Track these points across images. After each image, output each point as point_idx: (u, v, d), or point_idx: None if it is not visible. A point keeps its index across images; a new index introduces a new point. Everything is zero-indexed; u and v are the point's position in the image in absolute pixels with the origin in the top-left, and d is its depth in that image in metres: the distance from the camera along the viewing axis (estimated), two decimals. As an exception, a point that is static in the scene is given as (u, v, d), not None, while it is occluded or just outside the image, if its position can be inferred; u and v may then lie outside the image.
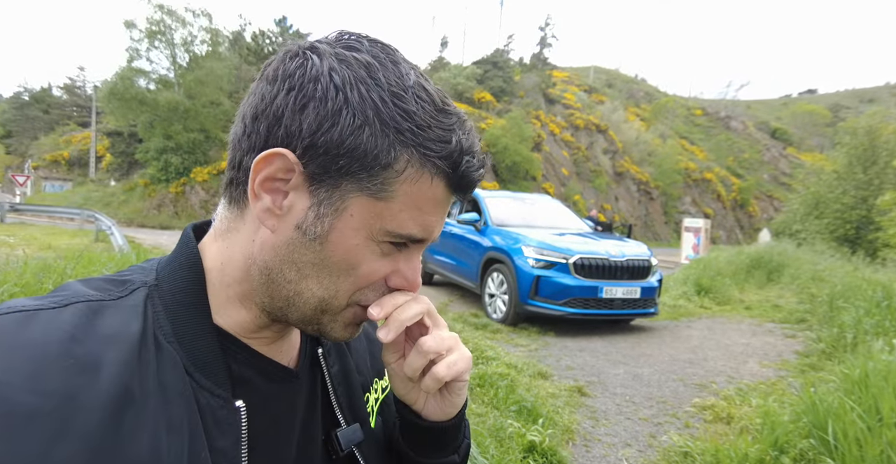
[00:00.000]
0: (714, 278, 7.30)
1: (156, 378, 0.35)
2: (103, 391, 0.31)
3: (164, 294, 0.40)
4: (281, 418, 0.44)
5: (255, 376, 0.42)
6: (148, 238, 12.16)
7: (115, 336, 0.34)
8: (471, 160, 0.40)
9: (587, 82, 43.11)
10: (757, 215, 33.55)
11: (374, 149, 0.37)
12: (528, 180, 23.95)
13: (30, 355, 0.31)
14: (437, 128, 0.39)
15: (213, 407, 0.38)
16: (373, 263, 0.41)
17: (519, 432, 2.37)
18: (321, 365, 0.50)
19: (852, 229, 12.87)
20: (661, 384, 3.43)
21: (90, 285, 0.38)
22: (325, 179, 0.38)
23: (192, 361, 0.38)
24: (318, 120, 0.37)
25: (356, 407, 0.51)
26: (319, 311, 0.41)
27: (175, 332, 0.38)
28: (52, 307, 0.34)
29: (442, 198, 0.41)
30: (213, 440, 0.37)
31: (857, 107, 53.31)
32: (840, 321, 4.24)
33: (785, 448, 2.20)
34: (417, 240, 0.41)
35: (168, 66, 21.22)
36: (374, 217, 0.39)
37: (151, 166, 20.40)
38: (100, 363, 0.32)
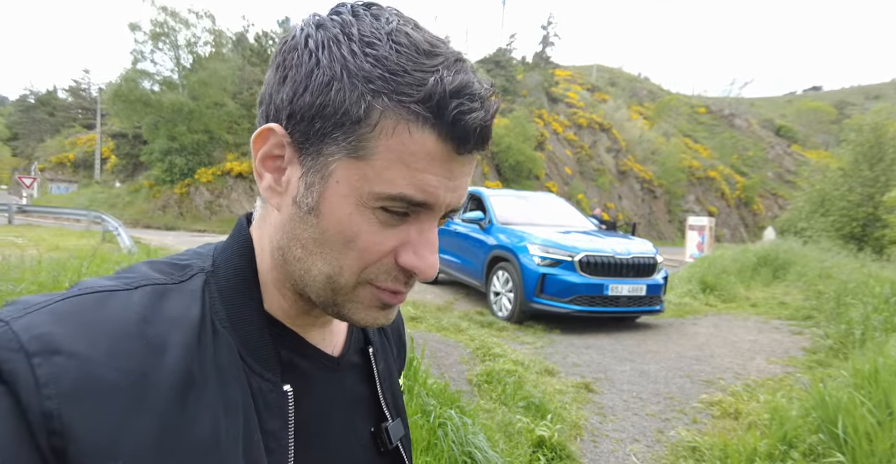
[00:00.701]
0: (719, 276, 7.28)
1: (213, 362, 0.36)
2: (170, 372, 0.33)
3: (220, 280, 0.41)
4: (325, 404, 0.45)
5: (301, 362, 0.43)
6: (154, 239, 12.24)
7: (178, 319, 0.35)
8: (462, 102, 0.35)
9: (590, 81, 43.01)
10: (761, 213, 33.37)
11: (343, 104, 0.35)
12: (532, 179, 23.93)
13: (109, 333, 0.32)
14: (414, 71, 0.35)
15: (264, 391, 0.39)
16: (373, 235, 0.37)
17: (528, 427, 2.38)
18: (370, 361, 0.51)
19: (858, 227, 12.79)
20: (668, 381, 3.43)
21: (154, 268, 0.40)
22: (309, 146, 0.37)
23: (245, 346, 0.39)
24: (293, 87, 0.37)
25: (397, 402, 0.53)
26: (330, 290, 0.39)
27: (229, 317, 0.39)
28: (125, 289, 0.35)
29: (435, 151, 0.36)
30: (264, 422, 0.38)
31: (863, 103, 52.92)
32: (848, 318, 4.23)
33: (794, 443, 2.20)
34: (418, 203, 0.37)
35: (172, 67, 21.35)
36: (359, 180, 0.36)
37: (156, 168, 20.51)
38: (166, 345, 0.34)
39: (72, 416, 0.29)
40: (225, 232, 15.48)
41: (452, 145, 0.36)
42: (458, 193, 0.39)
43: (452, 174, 0.38)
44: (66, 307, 0.32)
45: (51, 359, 0.29)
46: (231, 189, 20.30)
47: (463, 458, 1.76)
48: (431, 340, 3.64)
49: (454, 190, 0.38)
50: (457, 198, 0.39)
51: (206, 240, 4.09)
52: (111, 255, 3.38)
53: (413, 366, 2.17)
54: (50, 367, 0.29)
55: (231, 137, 21.93)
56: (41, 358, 0.29)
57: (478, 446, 1.81)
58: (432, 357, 3.19)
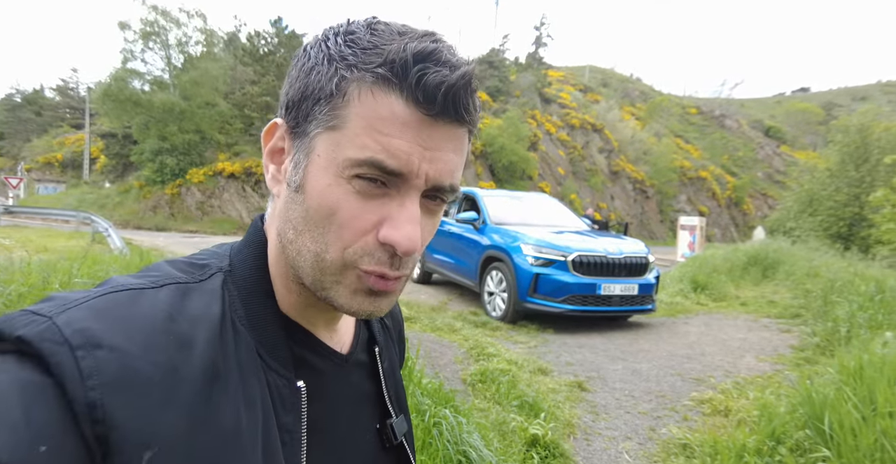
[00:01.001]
0: (710, 275, 7.37)
1: (234, 357, 0.37)
2: (196, 366, 0.34)
3: (237, 280, 0.42)
4: (335, 400, 0.46)
5: (313, 358, 0.45)
6: (145, 240, 12.12)
7: (201, 317, 0.37)
8: (427, 65, 0.35)
9: (582, 82, 43.23)
10: (751, 213, 33.77)
11: (320, 82, 0.38)
12: (525, 180, 24.01)
13: (142, 328, 0.34)
14: (383, 45, 0.37)
15: (279, 386, 0.40)
16: (352, 207, 0.38)
17: (521, 425, 2.41)
18: (376, 360, 0.52)
19: (845, 226, 13.00)
20: (660, 379, 3.48)
21: (175, 267, 0.41)
22: (299, 129, 0.40)
23: (262, 343, 0.40)
24: (289, 82, 0.41)
25: (401, 399, 0.55)
26: (318, 270, 0.39)
27: (247, 315, 0.41)
28: (152, 287, 0.37)
29: (404, 115, 0.36)
30: (279, 417, 0.40)
31: (850, 105, 53.72)
32: (834, 315, 4.31)
33: (782, 439, 2.25)
34: (392, 172, 0.37)
35: (163, 67, 21.16)
36: (334, 149, 0.37)
37: (146, 168, 20.30)
38: (192, 341, 0.35)
39: (113, 405, 0.30)
40: (216, 233, 15.31)
41: (422, 109, 0.36)
42: (438, 165, 0.38)
43: (427, 143, 0.37)
44: (102, 303, 0.34)
45: (93, 352, 0.31)
46: (223, 189, 20.13)
47: (458, 457, 1.78)
48: (426, 341, 3.65)
49: (432, 161, 0.38)
50: (437, 171, 0.38)
51: (198, 241, 4.10)
52: (102, 256, 3.36)
53: (408, 366, 2.18)
54: (93, 360, 0.31)
55: (223, 137, 21.75)
56: (84, 351, 0.31)
57: (472, 444, 1.83)
58: (427, 357, 3.20)
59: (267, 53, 22.06)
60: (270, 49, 22.36)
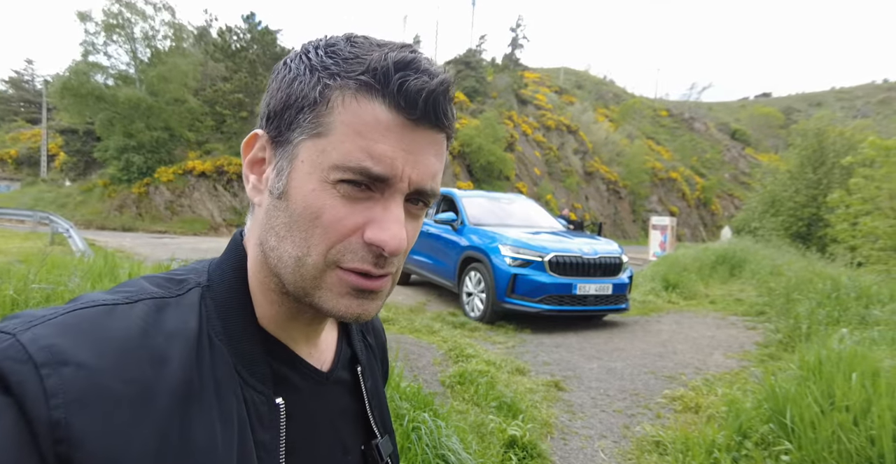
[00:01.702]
0: (681, 274, 7.61)
1: (211, 373, 0.37)
2: (171, 383, 0.34)
3: (215, 295, 0.42)
4: (315, 417, 0.45)
5: (292, 375, 0.44)
6: (110, 241, 11.63)
7: (177, 332, 0.37)
8: (407, 73, 0.37)
9: (558, 83, 43.90)
10: (719, 213, 35.04)
11: (303, 91, 0.39)
12: (502, 180, 24.21)
13: (114, 345, 0.33)
14: (364, 55, 0.38)
15: (257, 403, 0.40)
16: (336, 210, 0.38)
17: (500, 427, 2.43)
18: (359, 379, 0.52)
19: (804, 226, 13.65)
20: (634, 377, 3.56)
21: (151, 282, 0.41)
22: (281, 138, 0.40)
23: (239, 359, 0.40)
24: (270, 93, 0.42)
25: (385, 419, 0.54)
26: (299, 275, 0.39)
27: (225, 331, 0.40)
28: (126, 302, 0.37)
29: (388, 121, 0.37)
30: (256, 433, 0.39)
31: (807, 110, 56.42)
32: (795, 313, 4.51)
33: (748, 433, 2.34)
34: (377, 177, 0.38)
35: (128, 61, 20.33)
36: (319, 155, 0.38)
37: (112, 166, 19.47)
38: (166, 357, 0.35)
39: (79, 424, 0.30)
40: (186, 233, 14.83)
41: (404, 114, 0.38)
42: (420, 168, 0.39)
43: (410, 147, 0.38)
44: (70, 320, 0.34)
45: (59, 370, 0.30)
46: (193, 188, 19.51)
47: (436, 461, 1.78)
48: (404, 343, 3.64)
49: (414, 165, 0.39)
50: (420, 174, 0.39)
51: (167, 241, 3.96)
52: (63, 259, 3.19)
53: (386, 370, 2.16)
54: (59, 377, 0.30)
55: (193, 134, 21.07)
56: (49, 369, 0.30)
57: (451, 448, 1.83)
58: (405, 359, 3.19)
59: (239, 49, 21.51)
60: (243, 45, 21.81)
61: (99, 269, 2.70)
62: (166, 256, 8.85)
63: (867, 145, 9.28)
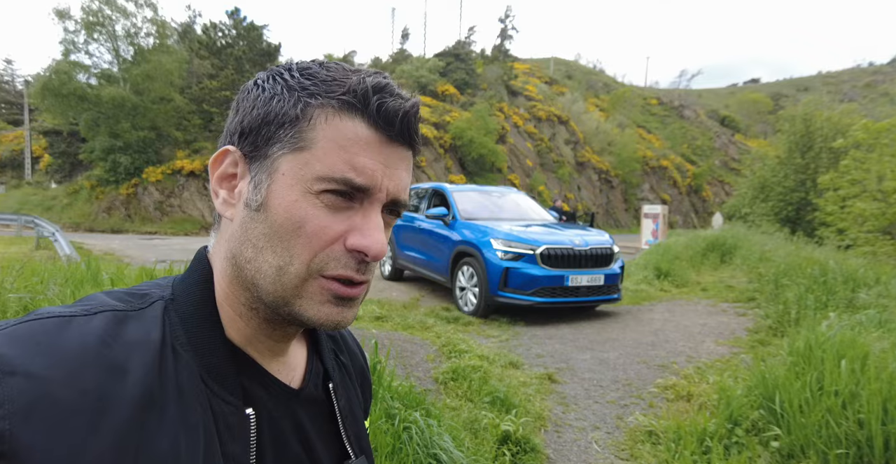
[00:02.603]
0: (672, 262, 7.65)
1: (175, 383, 0.37)
2: (129, 393, 0.34)
3: (179, 307, 0.42)
4: (285, 433, 0.45)
5: (260, 391, 0.44)
6: (98, 243, 11.49)
7: (138, 343, 0.37)
8: (383, 96, 0.40)
9: (548, 74, 43.73)
10: (710, 200, 35.29)
11: (283, 108, 0.41)
12: (495, 173, 24.18)
13: (69, 355, 0.33)
14: (341, 78, 0.41)
15: (226, 413, 0.40)
16: (320, 219, 0.39)
17: (493, 422, 2.43)
18: (331, 397, 0.51)
19: (793, 211, 13.79)
20: (626, 367, 3.59)
21: (113, 296, 0.41)
22: (258, 153, 0.41)
23: (206, 369, 0.40)
24: (243, 111, 0.43)
25: (361, 439, 0.53)
26: (280, 284, 0.40)
27: (190, 341, 0.40)
28: (84, 314, 0.37)
29: (368, 137, 0.40)
30: (225, 445, 0.39)
31: (795, 95, 56.73)
32: (784, 298, 4.56)
33: (739, 420, 2.36)
34: (359, 187, 0.40)
35: (111, 59, 19.95)
36: (302, 167, 0.39)
37: (98, 167, 19.19)
38: (126, 367, 0.35)
39: (27, 436, 0.29)
40: (178, 233, 14.69)
41: (382, 131, 0.41)
42: (396, 181, 0.42)
43: (388, 161, 0.41)
44: (22, 331, 0.33)
45: (5, 380, 0.30)
46: (183, 188, 19.31)
47: (428, 460, 1.77)
48: (397, 340, 3.63)
49: (392, 177, 0.42)
50: (395, 186, 0.42)
51: (157, 243, 3.89)
52: (43, 266, 3.12)
53: (377, 369, 2.15)
54: (6, 387, 0.30)
55: (181, 133, 20.79)
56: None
57: (443, 447, 1.83)
58: (398, 357, 3.18)
59: (225, 46, 21.17)
60: (228, 42, 21.46)
61: (81, 274, 2.65)
62: (155, 258, 8.76)
63: (859, 128, 9.34)
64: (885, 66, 75.30)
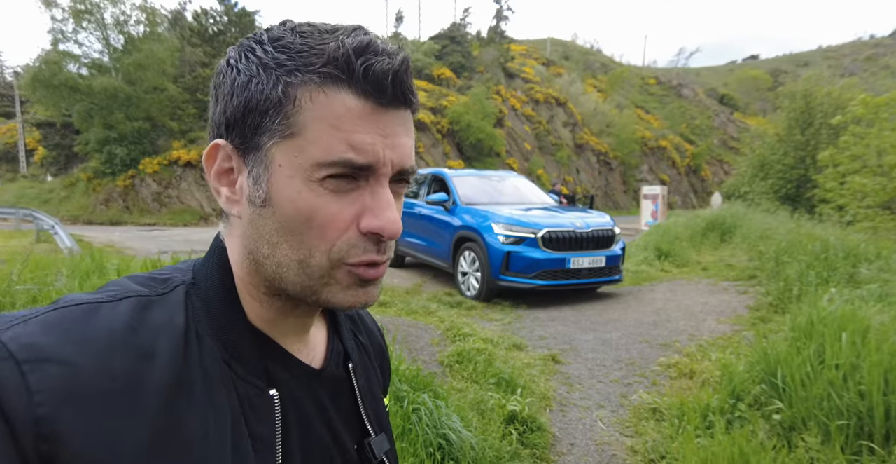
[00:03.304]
0: (673, 243, 7.67)
1: (200, 366, 0.37)
2: (159, 377, 0.34)
3: (201, 292, 0.42)
4: (308, 413, 0.45)
5: (283, 372, 0.44)
6: (99, 235, 11.49)
7: (164, 327, 0.37)
8: (368, 57, 0.37)
9: (545, 55, 43.02)
10: (709, 179, 35.16)
11: (263, 92, 0.37)
12: (493, 157, 24.01)
13: (99, 342, 0.33)
14: (318, 45, 0.37)
15: (250, 395, 0.40)
16: (329, 207, 0.38)
17: (499, 402, 2.47)
18: (351, 377, 0.51)
19: (793, 188, 13.75)
20: (629, 347, 3.63)
21: (136, 281, 0.41)
22: (248, 144, 0.39)
23: (230, 352, 0.40)
24: (223, 100, 0.40)
25: (381, 418, 0.53)
26: (306, 276, 0.39)
27: (212, 325, 0.40)
28: (110, 300, 0.37)
29: (359, 109, 0.37)
30: (252, 426, 0.39)
31: (795, 71, 55.93)
32: (785, 275, 4.58)
33: (741, 396, 2.40)
34: (361, 166, 0.37)
35: (101, 49, 19.56)
36: (297, 155, 0.37)
37: (94, 159, 19.03)
38: (154, 351, 0.35)
39: (65, 421, 0.30)
40: (177, 224, 14.64)
41: (374, 98, 0.38)
42: (400, 151, 0.40)
43: (386, 131, 0.38)
44: (52, 319, 0.34)
45: (42, 367, 0.31)
46: (180, 179, 19.19)
47: (438, 440, 1.81)
48: (402, 325, 3.66)
49: (394, 148, 0.39)
50: (399, 156, 0.40)
51: (157, 234, 3.88)
52: (47, 257, 3.12)
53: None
54: (41, 374, 0.30)
55: (176, 123, 20.54)
56: (31, 366, 0.30)
57: (452, 427, 1.86)
58: (403, 342, 3.21)
59: (217, 33, 20.77)
60: (220, 28, 21.06)
61: (87, 266, 2.65)
62: (158, 250, 8.77)
63: (858, 103, 9.23)
64: (887, 38, 74.06)
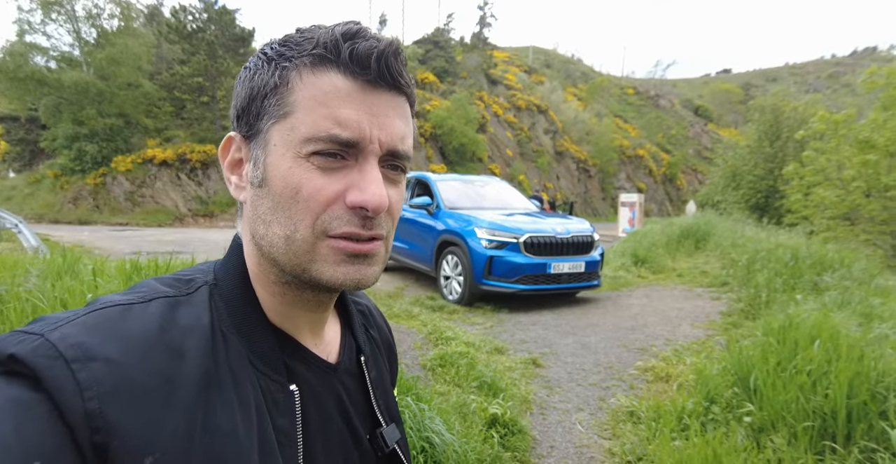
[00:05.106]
0: (649, 249, 7.86)
1: (226, 364, 0.39)
2: (190, 374, 0.36)
3: (223, 292, 0.44)
4: (326, 406, 0.47)
5: (301, 367, 0.46)
6: (66, 235, 11.04)
7: (191, 327, 0.39)
8: (356, 41, 0.39)
9: (527, 63, 43.66)
10: (684, 188, 36.20)
11: (263, 80, 0.41)
12: (475, 162, 24.15)
13: (136, 341, 0.35)
14: (313, 36, 0.40)
15: (272, 390, 0.42)
16: (314, 181, 0.39)
17: (481, 406, 2.48)
18: (363, 370, 0.53)
19: (763, 198, 14.30)
20: (608, 351, 3.70)
21: (162, 283, 0.43)
22: (252, 131, 0.42)
23: (252, 350, 0.42)
24: (236, 95, 0.44)
25: (391, 408, 0.55)
26: (292, 252, 0.40)
27: (235, 324, 0.42)
28: (140, 302, 0.39)
29: (346, 87, 0.39)
30: (274, 420, 0.41)
31: (764, 85, 58.33)
32: (756, 282, 4.75)
33: (715, 399, 2.47)
34: (347, 143, 0.39)
35: (71, 42, 18.89)
36: (289, 133, 0.39)
37: (62, 155, 18.29)
38: (184, 350, 0.37)
39: (112, 414, 0.32)
40: (150, 224, 14.17)
41: (359, 77, 0.39)
42: (388, 130, 0.41)
43: (373, 110, 0.40)
44: (92, 320, 0.36)
45: (89, 364, 0.33)
46: (155, 178, 18.62)
47: (421, 443, 1.80)
48: (383, 329, 3.63)
49: (381, 127, 0.40)
50: (388, 135, 0.41)
51: (129, 234, 3.75)
52: (13, 257, 2.98)
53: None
54: (89, 371, 0.32)
55: (151, 121, 19.95)
56: (80, 364, 0.32)
57: (435, 430, 1.86)
58: (385, 346, 3.19)
59: (196, 30, 20.25)
60: (200, 26, 20.55)
61: (58, 266, 2.55)
62: (130, 250, 8.48)
63: (817, 119, 9.69)
64: (847, 57, 78.07)
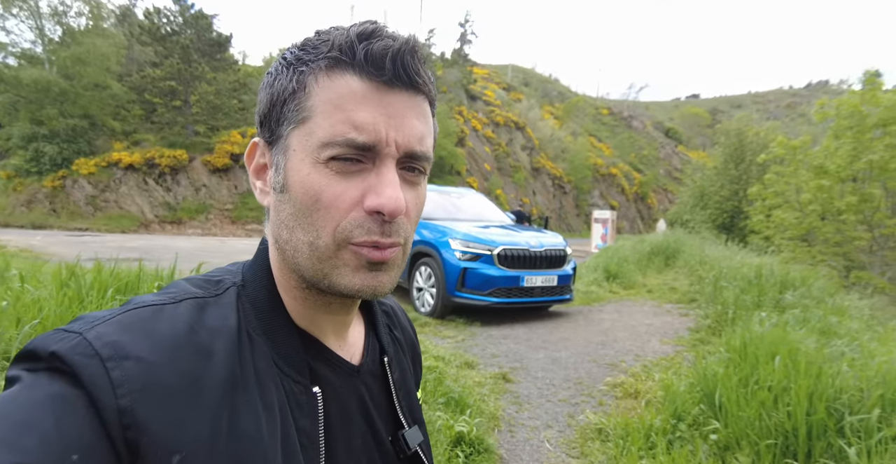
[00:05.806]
0: (621, 265, 7.98)
1: (252, 365, 0.39)
2: (217, 374, 0.37)
3: (250, 294, 0.44)
4: (349, 407, 0.47)
5: (325, 368, 0.46)
6: (15, 239, 10.39)
7: (219, 328, 0.39)
8: (371, 42, 0.39)
9: (506, 80, 44.62)
10: (655, 207, 37.34)
11: (283, 86, 0.41)
12: (454, 175, 24.28)
13: (165, 340, 0.36)
14: (328, 38, 0.40)
15: (296, 392, 0.42)
16: (333, 187, 0.39)
17: (447, 423, 2.38)
18: (386, 371, 0.52)
19: (728, 218, 14.86)
20: (578, 366, 3.67)
21: (192, 283, 0.44)
22: (274, 137, 0.42)
23: (277, 352, 0.42)
24: (259, 101, 0.44)
25: (414, 410, 0.55)
26: (315, 258, 0.40)
27: (261, 327, 0.42)
28: (171, 302, 0.40)
29: (362, 89, 0.39)
30: (297, 421, 0.41)
31: (729, 111, 61.36)
32: (722, 299, 4.85)
33: (682, 416, 2.45)
34: (362, 145, 0.38)
35: (33, 38, 18.17)
36: (307, 138, 0.39)
37: (17, 156, 17.39)
38: (212, 351, 0.38)
39: (143, 412, 0.32)
40: (112, 230, 13.58)
41: (375, 78, 0.39)
42: (406, 131, 0.40)
43: (389, 111, 0.39)
44: (126, 319, 0.36)
45: (122, 363, 0.33)
46: (120, 182, 17.89)
47: (380, 466, 1.70)
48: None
49: (398, 128, 0.39)
50: (406, 137, 0.40)
51: (88, 240, 3.52)
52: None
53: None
54: (122, 370, 0.33)
55: (118, 123, 19.26)
56: (114, 362, 0.33)
57: (396, 452, 1.76)
58: (350, 360, 3.06)
59: (170, 33, 19.82)
60: (174, 29, 20.14)
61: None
62: (86, 256, 8.03)
63: (777, 145, 10.20)
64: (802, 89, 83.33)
